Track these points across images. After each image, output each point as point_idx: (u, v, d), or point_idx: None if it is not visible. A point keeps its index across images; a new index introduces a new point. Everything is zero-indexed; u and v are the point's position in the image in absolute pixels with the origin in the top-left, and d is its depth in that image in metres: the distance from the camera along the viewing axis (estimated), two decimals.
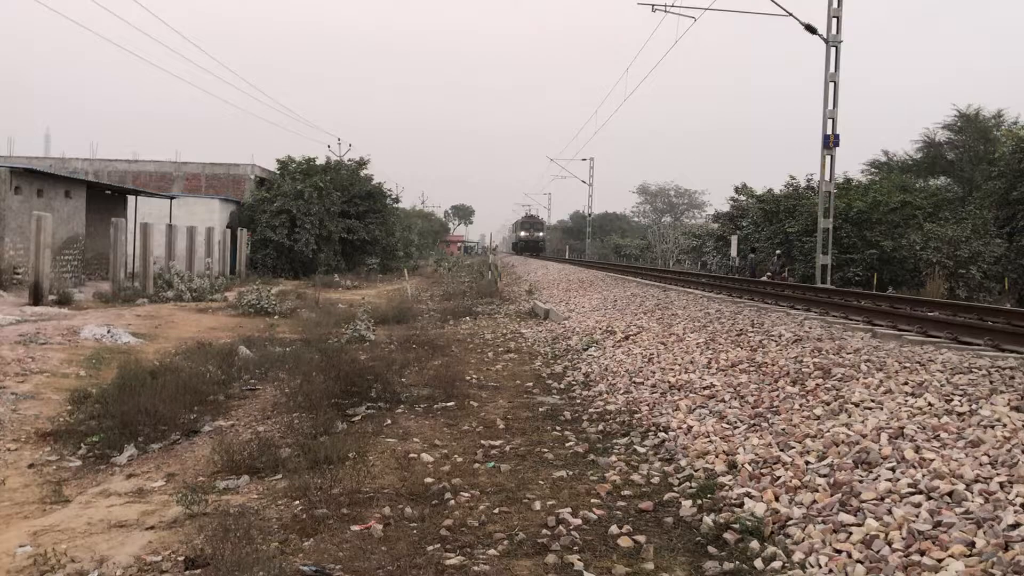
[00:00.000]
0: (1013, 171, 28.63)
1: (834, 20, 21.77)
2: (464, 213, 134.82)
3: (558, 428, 7.52)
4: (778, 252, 29.95)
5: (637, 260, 58.40)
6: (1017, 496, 4.06)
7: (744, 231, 36.64)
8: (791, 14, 21.86)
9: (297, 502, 5.66)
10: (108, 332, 13.81)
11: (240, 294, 20.95)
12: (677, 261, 53.40)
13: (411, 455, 6.61)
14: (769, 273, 29.26)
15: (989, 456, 4.57)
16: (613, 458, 6.34)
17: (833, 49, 21.75)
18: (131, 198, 28.14)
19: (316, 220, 35.86)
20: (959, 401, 5.53)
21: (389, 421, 7.83)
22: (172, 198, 30.44)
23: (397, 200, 50.67)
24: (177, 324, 16.35)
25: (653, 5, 22.00)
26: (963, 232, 25.17)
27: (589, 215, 70.31)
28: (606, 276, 25.60)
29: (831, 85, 21.87)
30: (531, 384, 9.89)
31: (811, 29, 21.84)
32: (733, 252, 35.36)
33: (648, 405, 7.85)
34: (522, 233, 79.21)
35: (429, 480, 5.92)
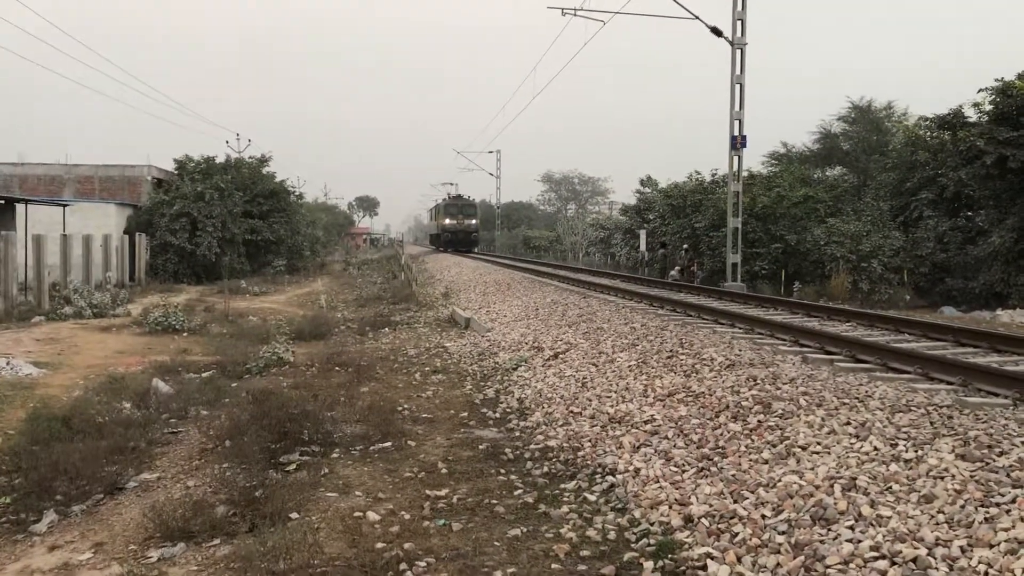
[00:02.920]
0: (905, 163, 30.02)
1: (739, 23, 22.26)
2: (369, 204, 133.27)
3: (502, 471, 7.41)
4: (685, 247, 30.58)
5: (547, 252, 58.77)
6: (980, 563, 4.15)
7: (651, 224, 37.25)
8: (698, 17, 22.24)
9: None
10: (7, 364, 13.00)
11: (145, 310, 20.12)
12: (586, 253, 53.98)
13: (356, 513, 6.40)
14: (678, 267, 29.87)
15: (944, 514, 4.67)
16: (565, 509, 6.26)
17: (738, 51, 22.23)
18: (20, 206, 26.64)
19: (218, 222, 34.78)
20: (904, 446, 5.65)
21: (326, 470, 7.56)
22: (65, 205, 28.98)
23: (301, 196, 49.63)
24: (81, 348, 15.55)
25: (563, 8, 22.01)
26: (864, 227, 26.16)
27: (498, 208, 70.39)
28: (523, 278, 25.56)
29: (737, 87, 22.36)
30: (466, 414, 9.74)
31: (717, 32, 22.26)
32: (642, 246, 35.90)
33: (590, 441, 7.82)
34: (447, 221, 57.84)
35: (380, 545, 5.72)
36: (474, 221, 58.12)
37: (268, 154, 42.47)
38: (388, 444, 8.41)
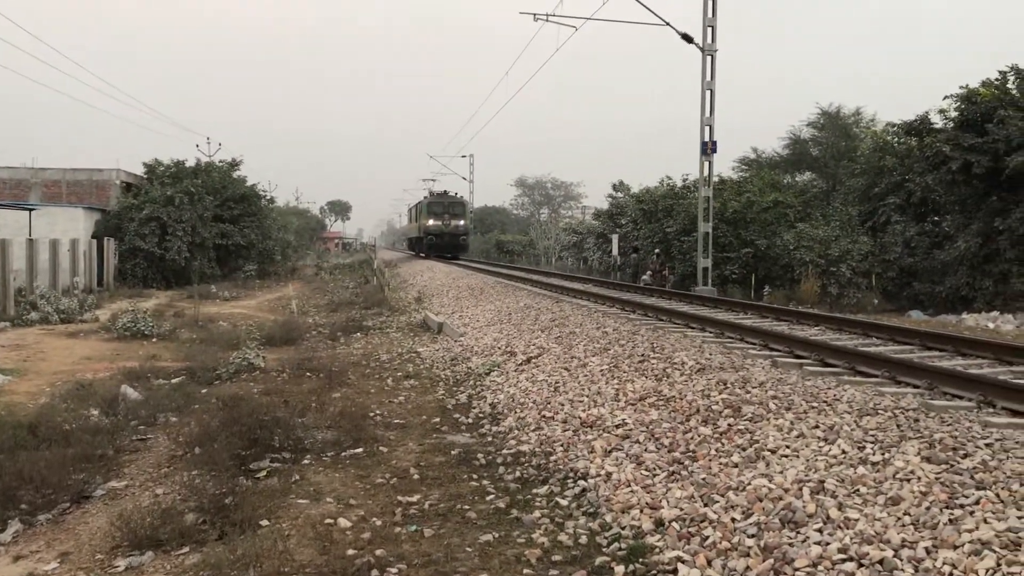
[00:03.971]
0: (873, 169, 30.41)
1: (709, 29, 22.43)
2: (341, 209, 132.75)
3: (474, 476, 7.40)
4: (656, 251, 30.75)
5: (520, 256, 58.80)
6: (945, 564, 4.21)
7: (623, 229, 37.41)
8: (668, 23, 22.40)
9: None
10: None
11: (114, 315, 19.88)
12: (559, 257, 54.07)
13: (327, 520, 6.36)
14: (650, 271, 30.01)
15: (911, 516, 4.73)
16: (537, 514, 6.27)
17: (709, 58, 22.40)
18: None
19: (188, 227, 34.46)
20: (871, 449, 5.72)
21: (297, 477, 7.50)
22: (31, 209, 28.57)
23: (272, 200, 49.30)
24: (48, 354, 15.34)
25: (535, 14, 22.09)
26: (832, 232, 26.46)
27: (471, 212, 70.23)
28: (496, 282, 25.54)
29: (708, 93, 22.54)
30: (438, 420, 9.73)
31: (687, 38, 22.43)
32: (614, 251, 36.05)
33: (562, 446, 7.83)
34: (430, 222, 48.58)
35: (352, 552, 5.69)
36: (462, 222, 49.56)
37: (239, 158, 42.24)
38: (360, 450, 8.37)
